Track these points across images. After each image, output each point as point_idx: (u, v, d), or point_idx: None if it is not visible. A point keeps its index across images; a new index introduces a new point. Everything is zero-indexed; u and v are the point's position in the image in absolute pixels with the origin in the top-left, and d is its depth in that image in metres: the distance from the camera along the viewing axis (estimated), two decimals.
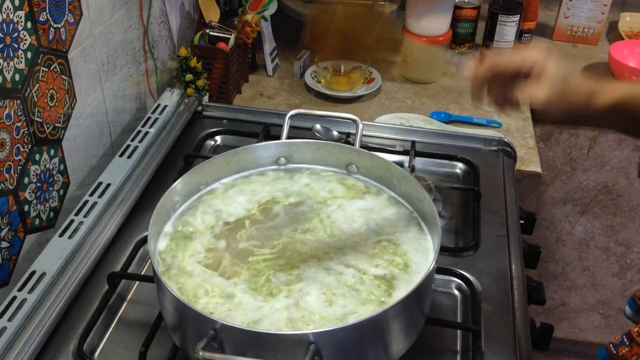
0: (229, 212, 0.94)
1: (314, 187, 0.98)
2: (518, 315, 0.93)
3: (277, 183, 0.99)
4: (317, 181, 0.99)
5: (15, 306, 0.87)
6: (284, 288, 0.81)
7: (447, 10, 1.57)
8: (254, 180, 1.00)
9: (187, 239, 0.89)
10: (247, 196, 0.96)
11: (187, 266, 0.85)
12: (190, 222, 0.92)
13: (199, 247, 0.88)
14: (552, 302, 2.00)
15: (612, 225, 1.81)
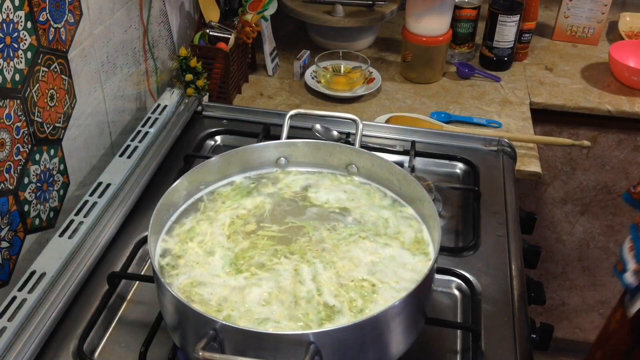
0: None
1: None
2: (518, 315, 0.93)
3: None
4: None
5: (15, 306, 0.87)
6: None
7: (447, 10, 1.57)
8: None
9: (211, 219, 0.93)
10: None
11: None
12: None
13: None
14: (552, 302, 2.00)
15: (612, 225, 1.81)
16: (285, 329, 0.77)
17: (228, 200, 0.96)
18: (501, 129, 1.45)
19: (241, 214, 0.93)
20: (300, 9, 1.69)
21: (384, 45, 1.81)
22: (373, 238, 0.88)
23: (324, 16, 1.67)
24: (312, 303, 0.80)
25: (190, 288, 0.83)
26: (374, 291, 0.80)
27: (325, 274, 0.83)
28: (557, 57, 1.78)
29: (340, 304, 0.79)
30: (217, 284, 0.83)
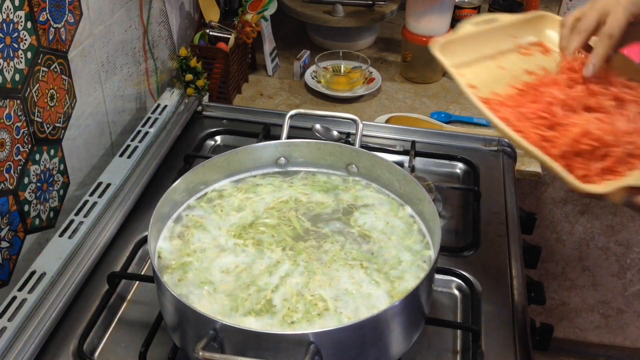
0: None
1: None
2: (518, 315, 0.93)
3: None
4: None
5: (15, 306, 0.87)
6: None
7: (447, 10, 1.57)
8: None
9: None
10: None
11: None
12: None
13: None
14: (552, 302, 2.00)
15: (612, 225, 1.81)
16: (215, 301, 0.81)
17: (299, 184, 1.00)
18: None
19: (297, 200, 0.96)
20: (300, 9, 1.69)
21: (384, 45, 1.81)
22: (371, 272, 0.84)
23: (324, 16, 1.67)
24: (260, 294, 0.81)
25: (193, 227, 0.90)
26: (320, 313, 0.78)
27: (296, 279, 0.83)
28: None
29: (281, 307, 0.79)
30: (213, 234, 0.89)
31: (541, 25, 0.94)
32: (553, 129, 0.75)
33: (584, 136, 0.73)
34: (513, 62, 0.90)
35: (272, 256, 0.86)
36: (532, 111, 0.77)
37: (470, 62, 0.89)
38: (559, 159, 0.73)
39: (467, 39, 0.90)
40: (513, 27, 0.92)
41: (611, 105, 0.78)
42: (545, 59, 0.90)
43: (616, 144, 0.73)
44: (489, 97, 0.84)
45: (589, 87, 0.79)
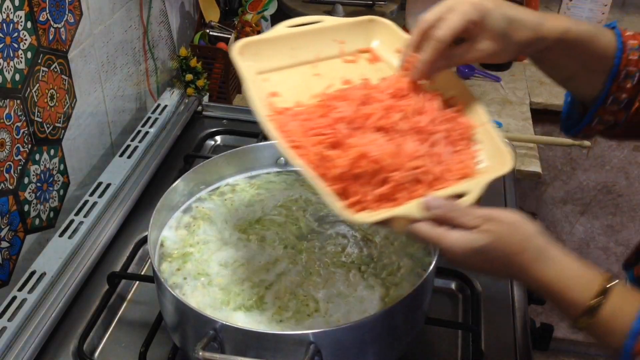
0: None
1: None
2: (518, 315, 0.93)
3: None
4: None
5: (15, 306, 0.87)
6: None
7: None
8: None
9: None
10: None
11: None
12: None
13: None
14: None
15: (612, 225, 1.81)
16: (208, 293, 0.81)
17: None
18: (501, 129, 1.45)
19: (307, 200, 0.95)
20: (300, 9, 1.69)
21: None
22: (368, 276, 0.83)
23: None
24: (253, 289, 0.81)
25: (201, 219, 0.90)
26: (310, 314, 0.78)
27: (291, 278, 0.83)
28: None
29: (272, 305, 0.79)
30: (219, 228, 0.89)
31: (372, 31, 0.87)
32: (336, 148, 0.69)
33: (361, 158, 0.67)
34: (332, 70, 0.83)
35: (272, 253, 0.86)
36: (318, 127, 0.71)
37: (283, 67, 0.83)
38: (337, 180, 0.68)
39: (281, 42, 0.83)
40: (340, 32, 0.86)
41: (408, 126, 0.71)
42: (370, 68, 0.84)
43: (397, 168, 0.68)
44: (288, 107, 0.77)
45: (393, 104, 0.73)
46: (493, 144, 0.76)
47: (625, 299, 0.63)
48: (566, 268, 0.64)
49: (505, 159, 0.73)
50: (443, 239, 0.65)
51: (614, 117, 0.77)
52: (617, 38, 0.76)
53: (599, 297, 0.62)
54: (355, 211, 0.67)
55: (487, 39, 0.72)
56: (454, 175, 0.71)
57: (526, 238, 0.64)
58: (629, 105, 0.76)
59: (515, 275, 0.67)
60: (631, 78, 0.75)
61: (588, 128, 0.80)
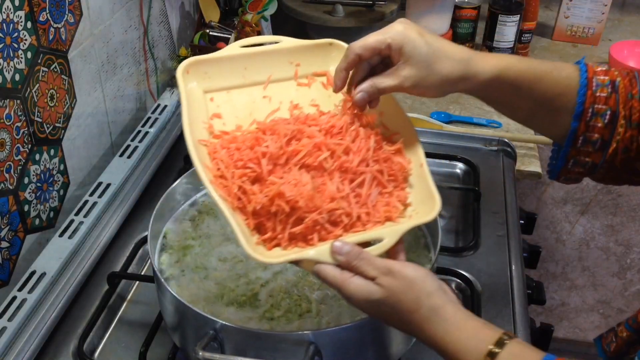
0: None
1: None
2: (518, 315, 0.93)
3: None
4: None
5: (15, 306, 0.87)
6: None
7: (447, 10, 1.57)
8: None
9: None
10: None
11: None
12: None
13: None
14: (552, 302, 2.00)
15: (612, 225, 1.81)
16: (203, 287, 0.81)
17: None
18: (501, 129, 1.45)
19: None
20: (300, 9, 1.69)
21: None
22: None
23: (324, 16, 1.67)
24: (248, 286, 0.82)
25: (205, 213, 0.91)
26: (301, 314, 0.78)
27: (287, 277, 0.83)
28: (557, 57, 1.78)
29: (264, 302, 0.80)
30: (223, 223, 0.89)
31: (330, 54, 0.84)
32: (257, 183, 0.69)
33: (277, 197, 0.67)
34: (283, 93, 0.81)
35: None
36: (244, 159, 0.71)
37: (231, 87, 0.80)
38: (254, 215, 0.68)
39: (232, 61, 0.80)
40: (296, 54, 0.83)
41: (336, 165, 0.71)
42: (322, 93, 0.82)
43: (315, 209, 0.67)
44: (226, 131, 0.76)
45: (323, 141, 0.72)
46: (425, 188, 0.75)
47: (519, 358, 0.61)
48: (458, 329, 0.63)
49: (433, 205, 0.73)
50: (344, 286, 0.64)
51: (590, 158, 0.73)
52: (581, 74, 0.73)
53: (489, 358, 0.61)
54: (269, 247, 0.67)
55: (408, 65, 0.70)
56: (376, 218, 0.71)
57: (421, 296, 0.63)
58: (604, 146, 0.72)
59: (412, 332, 0.66)
60: (602, 117, 0.71)
61: (565, 170, 0.76)
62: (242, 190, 0.69)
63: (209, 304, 0.80)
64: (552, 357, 0.60)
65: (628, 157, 0.71)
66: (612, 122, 0.71)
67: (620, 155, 0.71)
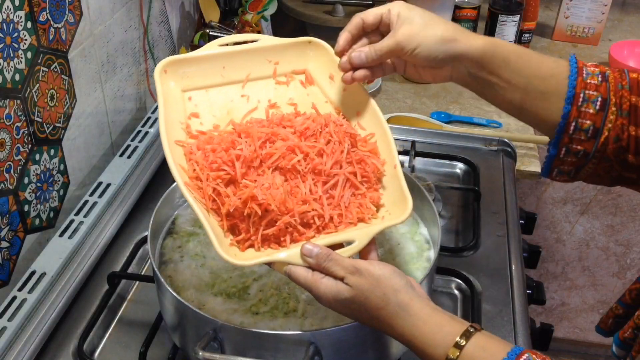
0: None
1: None
2: (518, 315, 0.93)
3: None
4: None
5: (15, 306, 0.87)
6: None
7: (447, 10, 1.57)
8: None
9: None
10: None
11: None
12: None
13: None
14: (552, 302, 2.00)
15: (612, 225, 1.81)
16: (197, 274, 0.82)
17: None
18: (501, 129, 1.45)
19: None
20: (300, 9, 1.69)
21: None
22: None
23: (324, 16, 1.67)
24: (241, 279, 0.83)
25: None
26: (287, 313, 0.78)
27: (281, 274, 0.83)
28: (557, 57, 1.78)
29: (253, 296, 0.80)
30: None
31: (309, 53, 0.84)
32: (231, 185, 0.70)
33: (250, 200, 0.68)
34: (261, 91, 0.82)
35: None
36: (218, 161, 0.71)
37: (210, 86, 0.80)
38: (228, 217, 0.69)
39: (211, 60, 0.79)
40: (275, 52, 0.83)
41: (309, 167, 0.72)
42: (301, 91, 0.83)
43: (286, 212, 0.69)
44: (203, 131, 0.76)
45: (297, 144, 0.73)
46: (398, 189, 0.75)
47: (485, 350, 0.61)
48: (425, 323, 0.64)
49: (405, 206, 0.73)
50: (314, 286, 0.66)
51: (583, 146, 0.73)
52: (571, 63, 0.74)
53: (456, 349, 0.61)
54: (243, 248, 0.69)
55: (406, 24, 0.74)
56: (349, 219, 0.72)
57: (388, 293, 0.65)
58: (596, 134, 0.72)
59: (381, 329, 0.66)
60: (593, 103, 0.72)
61: (558, 161, 0.75)
62: (217, 192, 0.70)
63: (198, 292, 0.81)
64: (520, 349, 0.60)
65: (620, 147, 0.72)
66: (603, 109, 0.72)
67: (612, 144, 0.72)
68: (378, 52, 0.76)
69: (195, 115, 0.78)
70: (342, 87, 0.83)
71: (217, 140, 0.74)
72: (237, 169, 0.70)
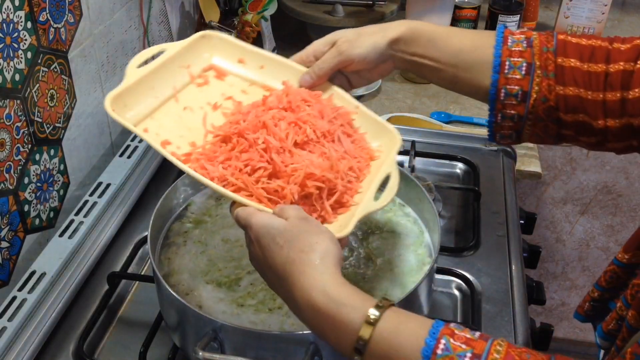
0: None
1: None
2: (518, 315, 0.93)
3: None
4: None
5: (15, 306, 0.87)
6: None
7: (447, 10, 1.57)
8: None
9: None
10: None
11: None
12: None
13: None
14: (552, 302, 2.00)
15: (612, 225, 1.81)
16: (194, 261, 0.83)
17: None
18: None
19: None
20: (300, 9, 1.69)
21: None
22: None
23: (324, 16, 1.67)
24: (235, 270, 0.83)
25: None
26: (271, 309, 0.78)
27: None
28: None
29: (242, 289, 0.81)
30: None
31: (208, 47, 0.83)
32: (274, 178, 0.70)
33: (308, 179, 0.69)
34: (194, 98, 0.80)
35: None
36: (248, 163, 0.70)
37: (152, 111, 0.77)
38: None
39: (140, 84, 0.76)
40: (182, 57, 0.80)
41: (317, 134, 0.74)
42: (223, 85, 0.82)
43: (337, 177, 0.71)
44: (189, 152, 0.74)
45: (293, 119, 0.74)
46: (373, 123, 0.80)
47: (407, 315, 0.58)
48: (344, 284, 0.60)
49: (391, 134, 0.79)
50: (248, 215, 0.67)
51: (515, 110, 0.77)
52: (497, 33, 0.78)
53: (378, 310, 0.57)
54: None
55: (342, 40, 0.82)
56: (366, 162, 0.77)
57: (318, 245, 0.62)
58: (525, 97, 0.75)
59: (288, 277, 0.61)
60: (518, 69, 0.75)
61: (498, 126, 0.80)
62: (269, 190, 0.70)
63: (191, 277, 0.83)
64: (441, 324, 0.57)
65: (550, 107, 0.75)
66: (529, 73, 0.75)
67: (541, 104, 0.75)
68: (323, 68, 0.82)
69: (167, 142, 0.75)
70: (258, 65, 0.85)
71: (224, 149, 0.73)
72: (276, 159, 0.70)
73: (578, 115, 0.74)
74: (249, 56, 0.85)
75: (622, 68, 0.71)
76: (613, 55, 0.73)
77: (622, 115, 0.72)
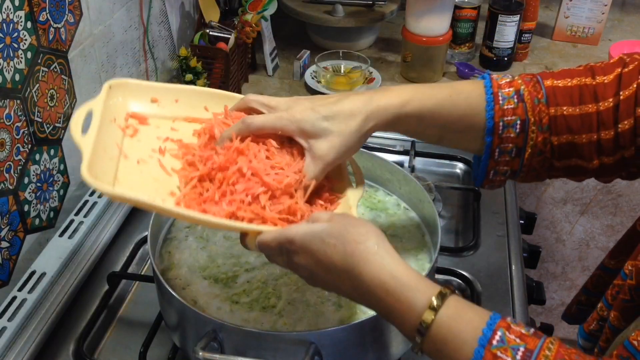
0: None
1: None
2: (518, 315, 0.93)
3: None
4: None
5: (15, 306, 0.87)
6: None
7: (447, 10, 1.56)
8: None
9: None
10: None
11: None
12: None
13: None
14: (552, 302, 2.00)
15: (612, 225, 1.81)
16: (194, 255, 0.84)
17: None
18: None
19: None
20: (300, 9, 1.69)
21: (384, 45, 1.81)
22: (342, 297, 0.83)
23: (324, 16, 1.67)
24: (233, 267, 0.84)
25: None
26: (265, 307, 0.79)
27: (273, 269, 0.84)
28: (557, 57, 1.78)
29: (238, 286, 0.81)
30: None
31: (119, 95, 0.78)
32: (279, 198, 0.70)
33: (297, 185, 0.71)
34: (136, 149, 0.75)
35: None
36: (248, 193, 0.69)
37: (116, 174, 0.71)
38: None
39: (96, 152, 0.69)
40: (106, 111, 0.75)
41: (275, 144, 0.74)
42: (151, 129, 0.78)
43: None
44: (177, 201, 0.71)
45: (249, 145, 0.73)
46: (339, 173, 0.82)
47: (466, 304, 0.60)
48: (408, 268, 0.61)
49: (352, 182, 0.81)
50: (283, 232, 0.65)
51: (509, 166, 0.75)
52: (487, 90, 0.74)
53: (440, 296, 0.59)
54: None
55: (315, 143, 0.72)
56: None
57: (369, 232, 0.62)
58: (519, 153, 0.74)
59: (348, 276, 0.61)
60: (512, 127, 0.73)
61: (488, 180, 0.78)
62: (287, 211, 0.70)
63: (189, 271, 0.83)
64: (499, 317, 0.62)
65: (544, 158, 0.74)
66: (524, 130, 0.73)
67: (536, 157, 0.74)
68: (252, 129, 0.73)
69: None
70: (172, 100, 0.81)
71: (212, 188, 0.71)
72: (268, 180, 0.70)
73: (571, 160, 0.74)
74: (160, 93, 0.80)
75: (612, 105, 0.71)
76: (599, 92, 0.72)
77: (616, 150, 0.72)
